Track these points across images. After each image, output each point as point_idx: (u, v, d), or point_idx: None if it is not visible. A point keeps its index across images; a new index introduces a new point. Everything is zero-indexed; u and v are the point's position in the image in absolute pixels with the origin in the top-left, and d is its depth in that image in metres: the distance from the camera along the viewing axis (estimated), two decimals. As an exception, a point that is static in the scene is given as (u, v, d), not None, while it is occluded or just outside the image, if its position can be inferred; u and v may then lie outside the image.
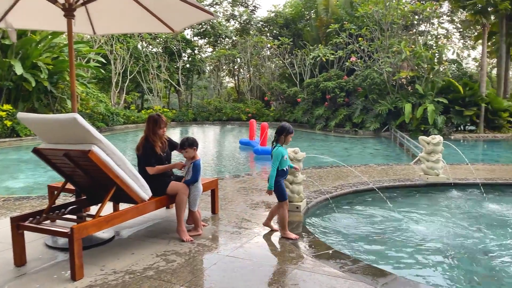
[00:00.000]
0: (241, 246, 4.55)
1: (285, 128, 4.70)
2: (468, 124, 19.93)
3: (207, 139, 20.60)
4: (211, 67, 32.52)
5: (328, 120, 22.12)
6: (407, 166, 9.89)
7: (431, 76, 19.73)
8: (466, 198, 7.27)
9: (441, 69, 20.33)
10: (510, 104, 19.93)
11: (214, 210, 5.76)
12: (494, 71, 29.88)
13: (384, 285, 3.64)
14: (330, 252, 4.47)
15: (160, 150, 4.82)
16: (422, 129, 18.10)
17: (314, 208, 6.32)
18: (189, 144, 4.88)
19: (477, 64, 36.61)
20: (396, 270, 4.41)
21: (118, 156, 4.08)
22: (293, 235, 4.82)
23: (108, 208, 4.80)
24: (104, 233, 4.77)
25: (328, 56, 23.87)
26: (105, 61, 23.84)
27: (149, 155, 4.75)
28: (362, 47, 22.20)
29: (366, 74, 20.87)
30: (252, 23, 35.16)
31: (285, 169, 4.80)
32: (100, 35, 22.12)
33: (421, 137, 8.34)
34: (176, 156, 5.43)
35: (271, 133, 17.69)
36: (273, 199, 6.48)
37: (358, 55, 22.87)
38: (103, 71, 24.51)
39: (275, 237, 4.90)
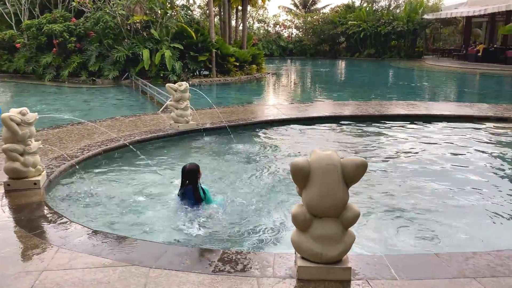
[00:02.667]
0: (-47, 257, 3.18)
1: (196, 168, 4.48)
2: (203, 70, 21.14)
3: None
4: None
5: (59, 69, 19.45)
6: (156, 115, 9.53)
7: (165, 21, 19.66)
8: (217, 142, 7.50)
9: (173, 15, 20.47)
10: (235, 49, 22.14)
11: None
12: (216, 19, 32.34)
13: (157, 261, 3.16)
14: (89, 234, 3.65)
15: None
16: (162, 75, 18.08)
17: (58, 180, 5.19)
18: None
19: (201, 11, 39.00)
20: (166, 233, 4.03)
21: None
22: None
23: None
24: None
25: (49, -6, 20.51)
26: None
27: None
28: (89, -14, 19.95)
29: (98, 16, 19.02)
30: None
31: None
32: None
33: (168, 85, 8.02)
34: None
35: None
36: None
37: (87, -6, 20.52)
38: None
39: (9, 231, 3.68)
